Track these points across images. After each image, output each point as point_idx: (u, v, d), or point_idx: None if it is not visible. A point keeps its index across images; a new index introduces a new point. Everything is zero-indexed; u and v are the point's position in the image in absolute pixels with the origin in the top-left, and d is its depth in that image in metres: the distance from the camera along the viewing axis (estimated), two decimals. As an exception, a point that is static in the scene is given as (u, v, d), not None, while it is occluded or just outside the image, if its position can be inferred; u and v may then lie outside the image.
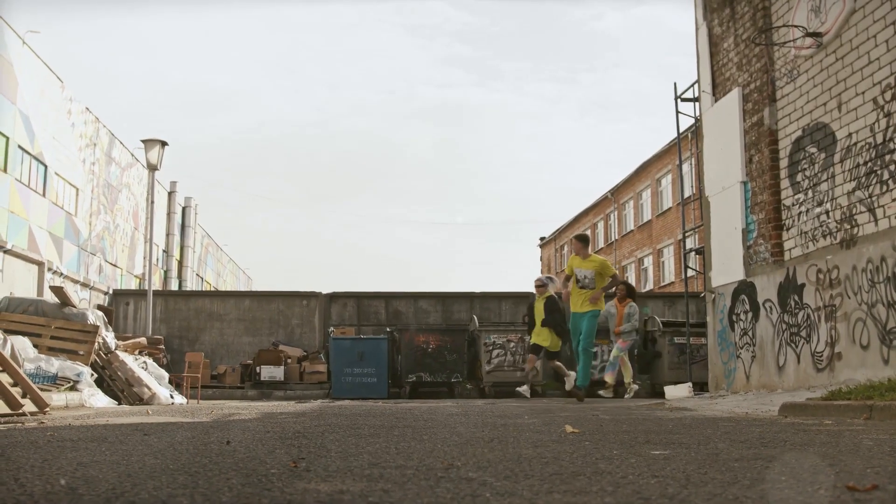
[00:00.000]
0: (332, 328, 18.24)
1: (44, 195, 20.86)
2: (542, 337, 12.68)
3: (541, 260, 60.56)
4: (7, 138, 18.65)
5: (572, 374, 12.79)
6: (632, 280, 42.66)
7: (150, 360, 13.06)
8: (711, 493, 2.14)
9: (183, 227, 35.57)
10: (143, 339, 15.14)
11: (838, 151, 8.77)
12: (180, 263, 35.29)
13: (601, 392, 13.34)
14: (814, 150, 9.25)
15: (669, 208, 36.76)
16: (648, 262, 40.12)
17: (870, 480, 2.30)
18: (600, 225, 47.56)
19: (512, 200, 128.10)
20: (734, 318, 11.08)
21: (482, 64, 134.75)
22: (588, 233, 49.50)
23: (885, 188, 8.02)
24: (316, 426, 5.47)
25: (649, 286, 39.19)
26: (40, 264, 15.55)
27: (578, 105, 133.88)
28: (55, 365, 10.17)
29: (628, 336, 13.81)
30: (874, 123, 8.19)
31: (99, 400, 10.27)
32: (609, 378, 13.54)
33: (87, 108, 23.87)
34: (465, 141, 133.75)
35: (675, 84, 13.78)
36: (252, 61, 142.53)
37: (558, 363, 12.81)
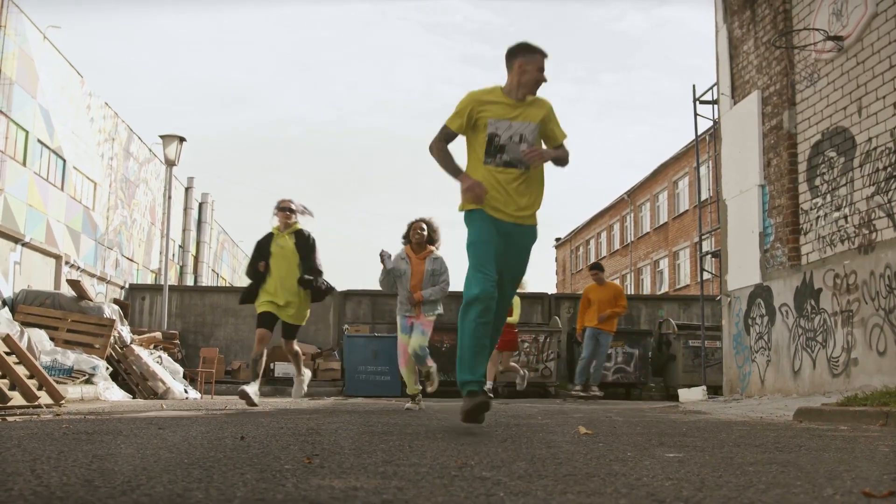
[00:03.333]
0: (346, 326, 18.25)
1: (62, 189, 20.98)
2: (281, 300, 8.24)
3: (556, 261, 60.46)
4: (27, 132, 18.77)
5: (308, 373, 8.90)
6: (647, 282, 42.43)
7: (164, 355, 13.13)
8: (727, 497, 2.13)
9: (199, 222, 35.68)
10: (158, 334, 15.22)
11: (858, 156, 8.71)
12: (196, 259, 35.42)
13: (408, 405, 8.60)
14: (833, 154, 9.20)
15: (686, 211, 36.64)
16: (664, 264, 39.98)
17: (886, 487, 2.29)
18: (616, 226, 47.44)
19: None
20: (750, 321, 11.02)
21: (502, 63, 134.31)
22: (604, 235, 49.45)
23: (904, 193, 7.97)
24: (329, 423, 5.49)
25: (665, 288, 39.06)
26: (58, 258, 15.63)
27: (598, 106, 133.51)
28: (71, 358, 10.24)
29: (432, 309, 8.27)
30: (895, 128, 8.13)
31: (114, 393, 10.34)
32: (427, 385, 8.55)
33: (107, 104, 23.99)
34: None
35: (693, 86, 13.74)
36: (271, 58, 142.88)
37: (297, 348, 8.65)
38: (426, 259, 8.20)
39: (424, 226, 8.27)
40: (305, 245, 8.42)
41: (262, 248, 8.43)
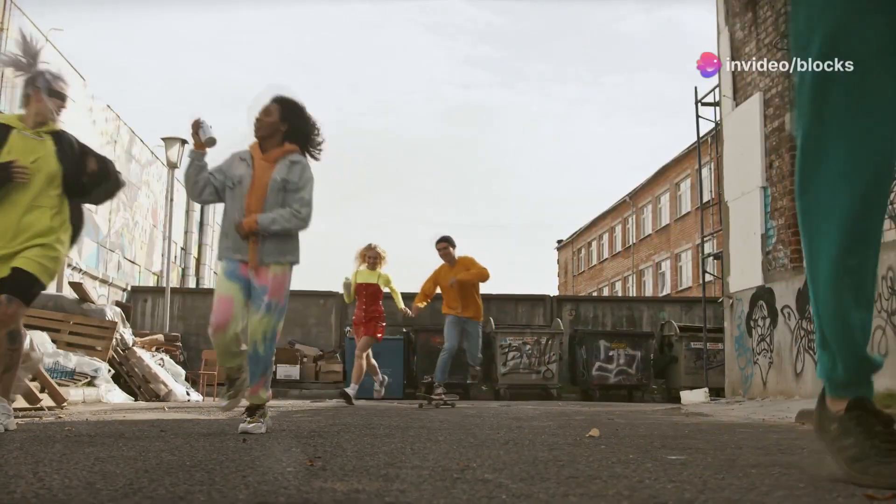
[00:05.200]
0: (348, 328, 18.23)
1: (64, 191, 21.00)
2: (14, 243, 4.43)
3: (558, 263, 60.46)
4: (29, 135, 18.80)
5: (36, 356, 6.08)
6: (649, 284, 42.41)
7: (166, 357, 13.13)
8: (729, 499, 2.13)
9: (201, 224, 35.70)
10: (160, 336, 15.23)
11: (860, 158, 8.71)
12: (198, 261, 35.44)
13: (245, 427, 4.53)
14: (835, 156, 9.20)
15: (688, 213, 36.63)
16: (666, 266, 39.97)
17: (889, 490, 2.28)
18: (618, 229, 47.43)
19: (533, 202, 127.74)
20: (752, 323, 11.02)
21: (505, 65, 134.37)
22: (606, 237, 49.45)
23: (906, 195, 7.96)
24: (331, 425, 5.49)
25: (666, 290, 39.05)
26: (60, 260, 15.71)
27: (602, 107, 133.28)
28: (73, 360, 10.24)
29: (278, 253, 4.76)
30: (896, 130, 8.13)
31: (116, 396, 10.34)
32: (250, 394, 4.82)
33: (109, 106, 24.03)
34: (486, 142, 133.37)
35: (695, 88, 13.75)
36: (273, 59, 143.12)
37: (22, 328, 4.77)
38: (278, 162, 4.84)
39: (275, 109, 4.89)
40: (61, 144, 4.70)
41: None
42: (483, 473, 2.66)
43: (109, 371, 10.90)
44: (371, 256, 10.14)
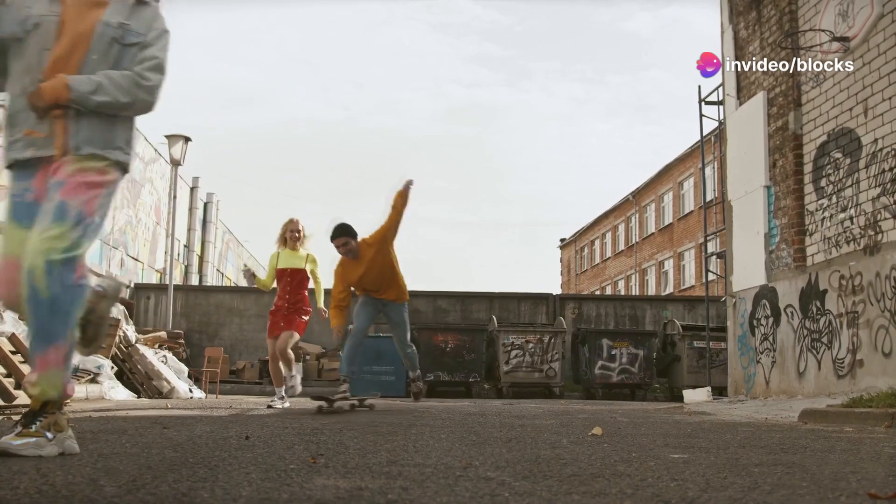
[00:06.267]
0: (350, 326, 18.26)
1: (68, 189, 21.03)
2: None
3: (560, 262, 60.43)
4: (33, 132, 18.83)
5: None
6: (651, 283, 42.39)
7: (169, 354, 13.14)
8: (732, 498, 2.13)
9: (204, 222, 35.70)
10: (163, 333, 15.24)
11: (863, 157, 8.69)
12: (201, 258, 35.44)
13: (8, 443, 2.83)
14: (839, 155, 9.18)
15: (691, 212, 36.59)
16: (669, 265, 39.93)
17: (892, 488, 2.28)
18: (621, 227, 47.40)
19: (536, 201, 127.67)
20: (755, 322, 11.00)
21: (511, 63, 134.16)
22: (609, 236, 49.43)
23: (910, 195, 7.95)
24: (334, 423, 5.49)
25: (669, 289, 39.02)
26: (63, 257, 15.74)
27: (606, 106, 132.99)
28: (76, 357, 10.26)
29: (103, 142, 3.07)
30: (901, 129, 8.11)
31: (119, 393, 10.35)
32: None
33: (112, 103, 24.08)
34: (492, 141, 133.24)
35: (699, 87, 13.73)
36: (279, 58, 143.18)
37: None
38: (111, 3, 3.16)
39: None
40: None
41: None
42: (485, 471, 2.66)
43: (112, 368, 10.91)
44: (293, 230, 8.36)
